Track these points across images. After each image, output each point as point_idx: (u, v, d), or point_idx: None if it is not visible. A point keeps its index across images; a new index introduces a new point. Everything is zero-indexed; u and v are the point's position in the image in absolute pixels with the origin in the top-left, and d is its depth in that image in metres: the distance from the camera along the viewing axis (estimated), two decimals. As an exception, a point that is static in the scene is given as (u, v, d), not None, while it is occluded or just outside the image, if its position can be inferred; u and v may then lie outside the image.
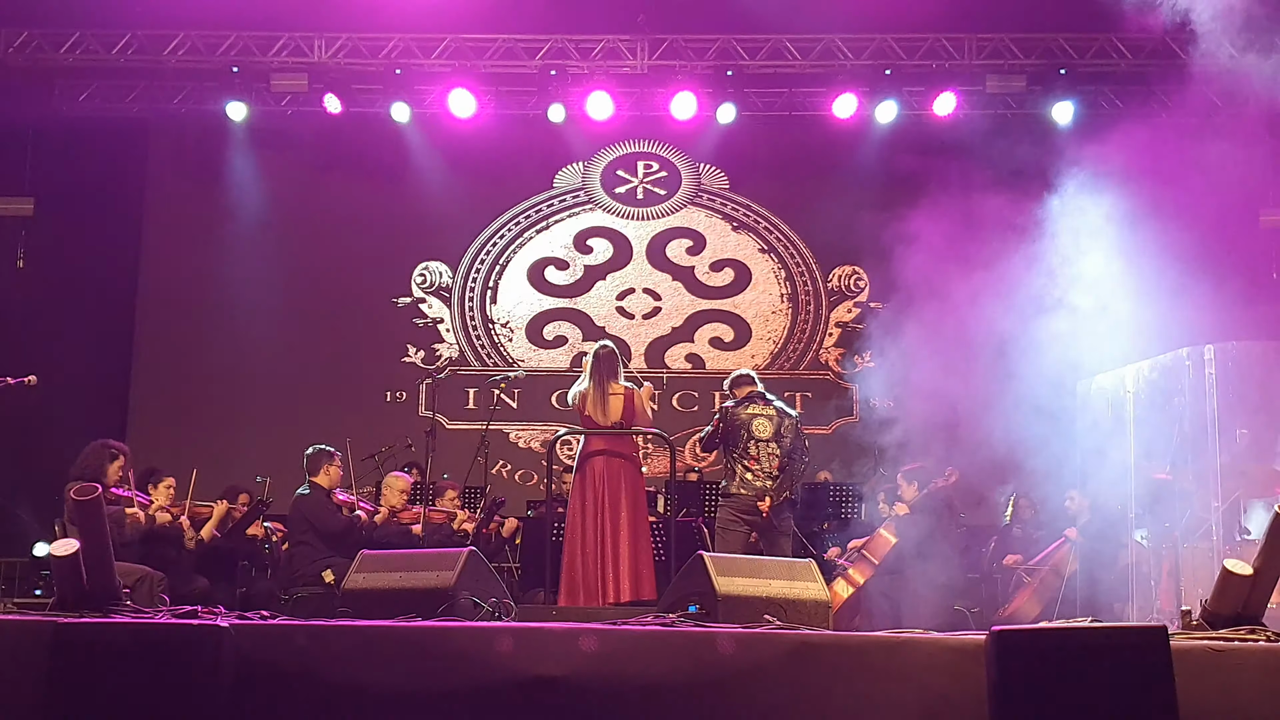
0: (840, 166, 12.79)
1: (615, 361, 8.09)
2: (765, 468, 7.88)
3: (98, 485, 5.16)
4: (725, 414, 8.09)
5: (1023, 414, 9.40)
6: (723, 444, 8.08)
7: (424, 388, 12.87)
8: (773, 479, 7.87)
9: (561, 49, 12.15)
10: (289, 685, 4.30)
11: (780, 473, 7.90)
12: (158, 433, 12.43)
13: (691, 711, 4.27)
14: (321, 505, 8.44)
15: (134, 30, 11.88)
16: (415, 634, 4.47)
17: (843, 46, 12.05)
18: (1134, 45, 11.66)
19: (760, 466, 7.88)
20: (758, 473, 7.87)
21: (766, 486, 7.85)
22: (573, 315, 13.31)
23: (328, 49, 12.01)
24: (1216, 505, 7.54)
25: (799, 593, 5.63)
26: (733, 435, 7.97)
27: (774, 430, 7.96)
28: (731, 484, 7.98)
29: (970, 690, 4.21)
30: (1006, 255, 10.51)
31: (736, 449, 7.96)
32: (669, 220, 13.47)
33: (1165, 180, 10.67)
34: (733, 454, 8.00)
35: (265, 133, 12.71)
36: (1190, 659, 4.18)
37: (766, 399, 8.10)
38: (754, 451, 7.91)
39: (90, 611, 4.74)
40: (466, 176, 13.07)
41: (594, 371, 7.99)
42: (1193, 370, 7.70)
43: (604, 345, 8.22)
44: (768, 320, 13.31)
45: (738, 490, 7.94)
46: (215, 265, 12.78)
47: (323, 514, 8.38)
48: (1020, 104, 12.20)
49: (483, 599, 5.58)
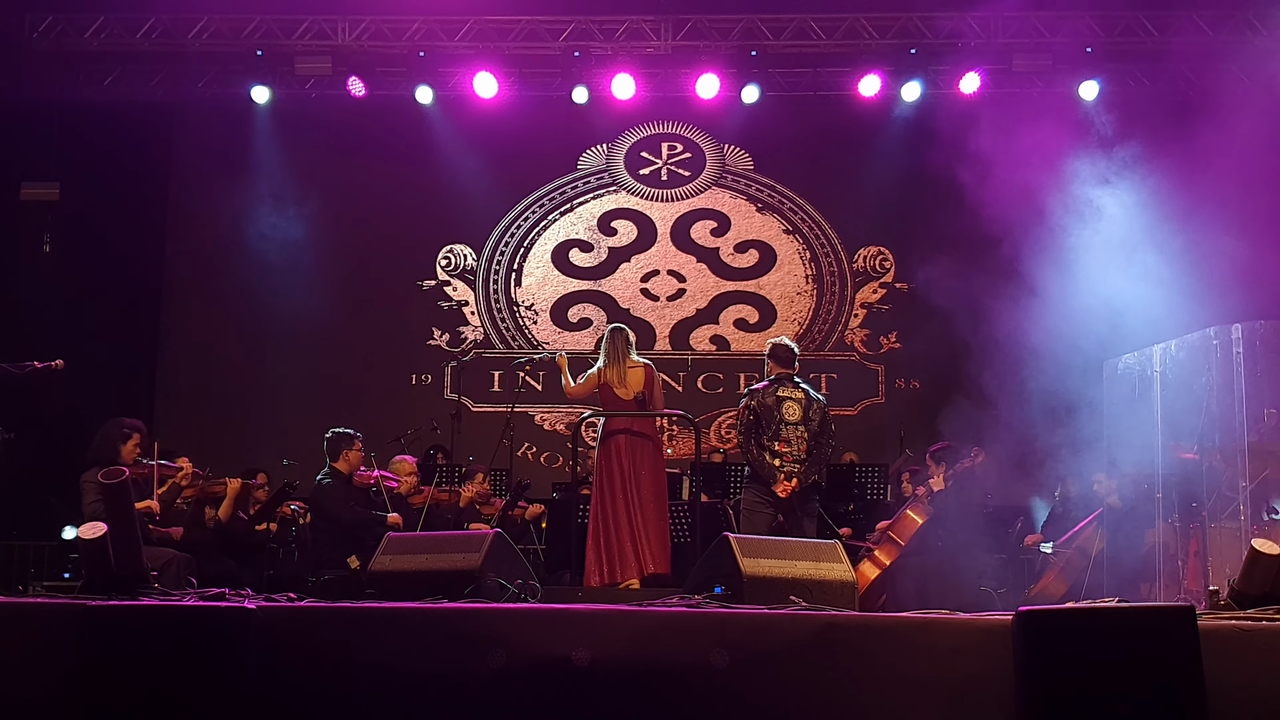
0: (865, 147, 12.73)
1: (628, 340, 8.39)
2: (794, 451, 7.85)
3: (124, 469, 5.19)
4: (755, 397, 8.04)
5: (1048, 394, 9.36)
6: (755, 432, 8.03)
7: (449, 370, 12.91)
8: (800, 462, 7.84)
9: (585, 30, 12.13)
10: (315, 666, 4.33)
11: (808, 456, 7.87)
12: (184, 416, 12.52)
13: (717, 692, 4.28)
14: (336, 498, 8.40)
15: (158, 14, 11.92)
16: (441, 615, 4.49)
17: (867, 25, 11.99)
18: (1161, 23, 11.55)
19: (790, 450, 7.85)
20: (786, 456, 7.85)
21: (794, 470, 7.82)
22: (597, 297, 13.30)
23: (351, 32, 12.03)
24: (1244, 485, 7.47)
25: (825, 574, 5.62)
26: (765, 419, 7.92)
27: (802, 413, 7.93)
28: (760, 467, 7.94)
29: (997, 670, 4.21)
30: (1031, 234, 10.46)
31: (767, 432, 7.92)
32: (693, 202, 13.44)
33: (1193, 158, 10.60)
34: (763, 438, 7.96)
35: (289, 116, 12.72)
36: (1218, 639, 4.16)
37: (794, 382, 8.07)
38: (784, 434, 7.87)
39: (118, 594, 4.78)
40: (490, 159, 13.06)
41: (610, 348, 8.29)
42: (1220, 350, 7.63)
43: (616, 328, 8.50)
44: (793, 301, 13.28)
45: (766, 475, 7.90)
46: (240, 249, 12.81)
47: (337, 508, 8.37)
48: (1046, 82, 12.09)
49: (508, 581, 5.60)
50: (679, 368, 12.89)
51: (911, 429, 11.28)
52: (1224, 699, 4.05)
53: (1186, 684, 4.00)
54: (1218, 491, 7.72)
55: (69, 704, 4.13)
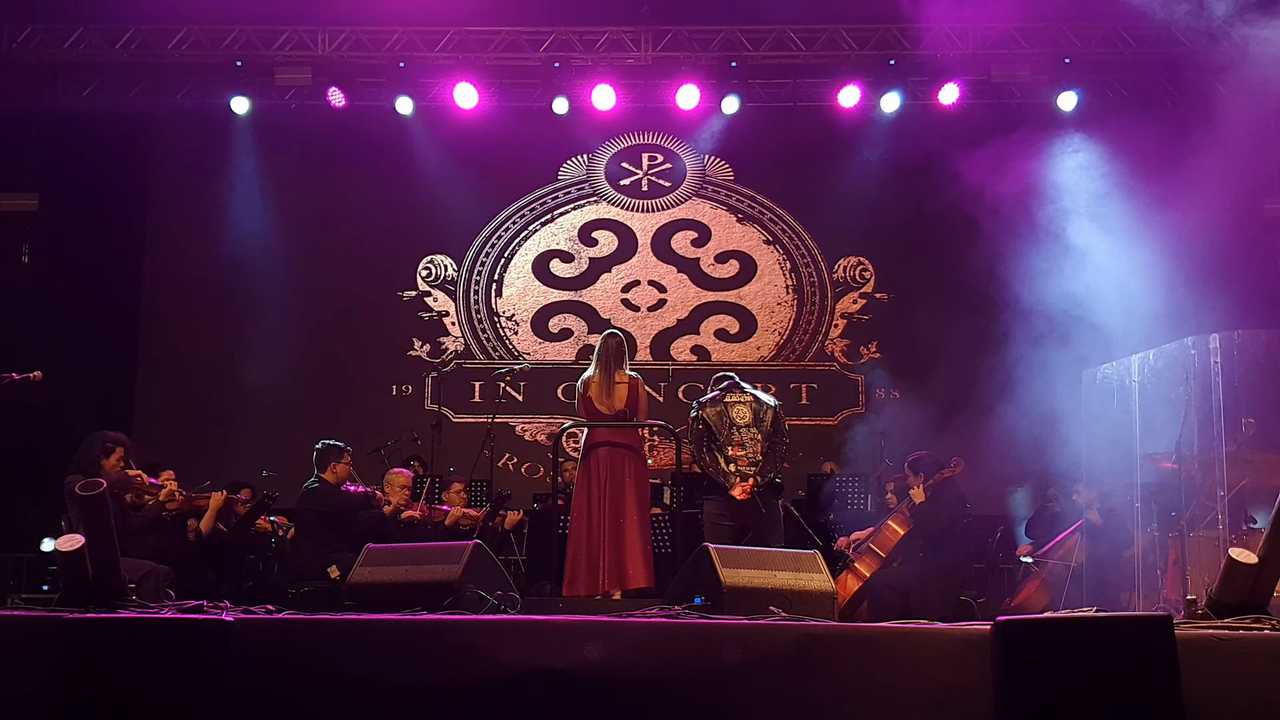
0: (845, 158, 12.76)
1: (623, 351, 8.18)
2: (749, 454, 7.75)
3: (102, 481, 5.17)
4: (702, 408, 7.92)
5: (1028, 404, 9.41)
6: (707, 441, 7.89)
7: (429, 381, 12.89)
8: (756, 465, 7.76)
9: (565, 41, 12.14)
10: (294, 679, 4.31)
11: (763, 458, 7.79)
12: (163, 428, 12.45)
13: (697, 703, 4.28)
14: (330, 492, 8.52)
15: (137, 25, 11.88)
16: (421, 627, 4.48)
17: (847, 37, 12.03)
18: (1139, 34, 11.61)
19: (745, 453, 7.75)
20: (742, 460, 7.74)
21: (750, 472, 7.72)
22: (578, 308, 13.31)
23: (331, 42, 12.01)
24: (1222, 494, 7.52)
25: (804, 584, 5.64)
26: (716, 426, 7.84)
27: (752, 415, 7.86)
28: (715, 474, 7.78)
29: (976, 680, 4.22)
30: (1010, 244, 10.53)
31: (720, 438, 7.81)
32: (674, 212, 13.46)
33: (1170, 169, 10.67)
34: (714, 445, 7.83)
35: (269, 127, 12.69)
36: (1195, 648, 4.18)
37: (741, 387, 8.03)
38: (737, 438, 7.77)
39: (96, 607, 4.76)
40: (471, 169, 13.05)
41: (601, 358, 8.10)
42: (1198, 359, 7.67)
43: (613, 334, 8.29)
44: (773, 312, 13.30)
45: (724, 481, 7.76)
46: (220, 259, 12.78)
47: (332, 498, 8.46)
48: (1025, 94, 12.14)
49: (488, 592, 5.59)
50: (660, 378, 12.90)
51: (892, 439, 11.30)
52: (1201, 708, 4.07)
53: (1164, 693, 4.02)
54: (1196, 500, 7.76)
55: (46, 717, 4.10)
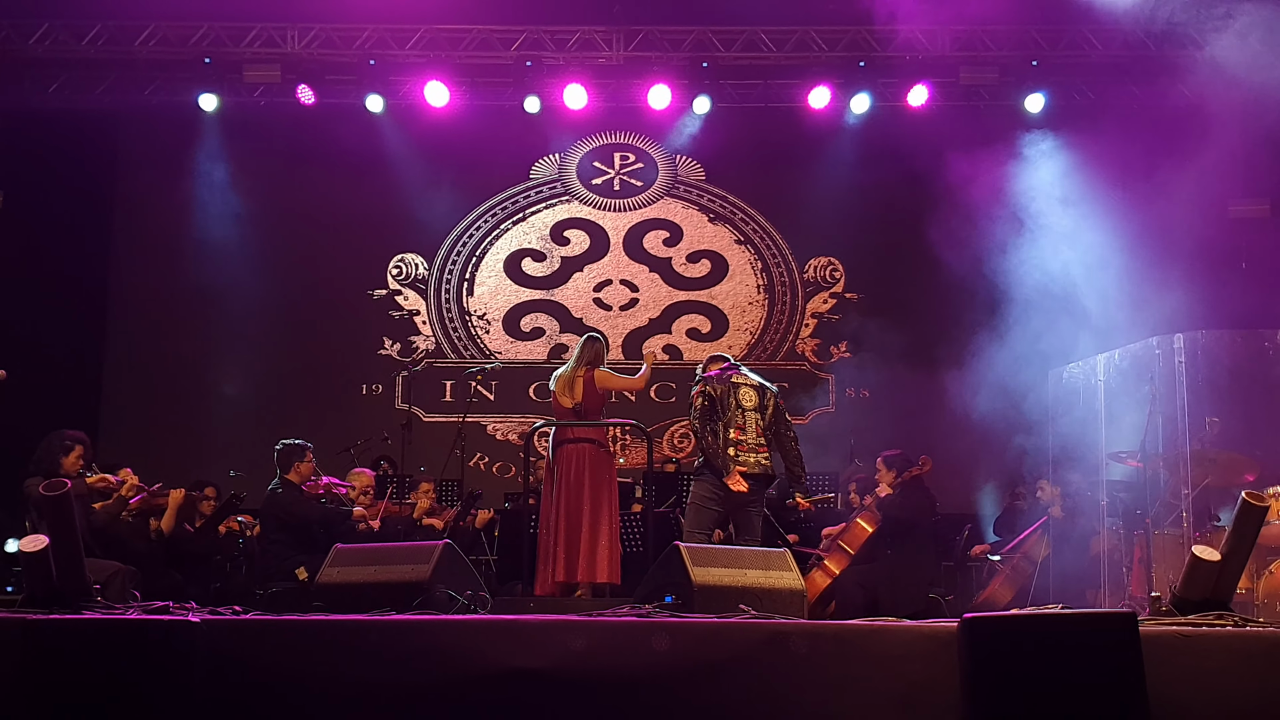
0: (815, 158, 12.81)
1: (598, 351, 8.21)
2: (750, 439, 7.71)
3: (67, 481, 5.14)
4: (709, 384, 7.80)
5: (995, 403, 9.48)
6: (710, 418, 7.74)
7: (400, 380, 12.85)
8: (755, 450, 7.70)
9: (537, 40, 12.12)
10: (261, 680, 4.30)
11: (764, 444, 7.74)
12: (130, 426, 12.38)
13: (666, 701, 4.29)
14: (293, 500, 8.42)
15: (104, 21, 11.78)
16: (390, 628, 4.47)
17: (817, 38, 12.05)
18: (1106, 37, 11.68)
19: (746, 437, 7.71)
20: (743, 445, 7.67)
21: (749, 460, 7.66)
22: (550, 307, 13.30)
23: (301, 40, 11.94)
24: (1187, 492, 7.59)
25: (774, 582, 5.67)
26: (720, 404, 7.79)
27: (758, 399, 7.83)
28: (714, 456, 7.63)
29: (944, 677, 4.25)
30: (978, 246, 10.60)
31: (723, 418, 7.69)
32: (645, 212, 13.46)
33: (1136, 171, 10.77)
34: (718, 424, 7.71)
35: (238, 124, 12.61)
36: (1159, 644, 4.23)
37: (740, 369, 8.02)
38: (740, 421, 7.73)
39: (61, 608, 4.72)
40: (442, 168, 13.02)
41: (576, 355, 8.22)
42: (1163, 359, 7.74)
43: (593, 337, 8.33)
44: (745, 311, 13.33)
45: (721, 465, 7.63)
46: (187, 257, 12.71)
47: (294, 507, 8.36)
48: (993, 95, 12.21)
49: (458, 592, 5.58)
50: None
51: (862, 438, 11.35)
52: (1166, 703, 4.11)
53: (1128, 689, 4.06)
54: (1161, 498, 7.83)
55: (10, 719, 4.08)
